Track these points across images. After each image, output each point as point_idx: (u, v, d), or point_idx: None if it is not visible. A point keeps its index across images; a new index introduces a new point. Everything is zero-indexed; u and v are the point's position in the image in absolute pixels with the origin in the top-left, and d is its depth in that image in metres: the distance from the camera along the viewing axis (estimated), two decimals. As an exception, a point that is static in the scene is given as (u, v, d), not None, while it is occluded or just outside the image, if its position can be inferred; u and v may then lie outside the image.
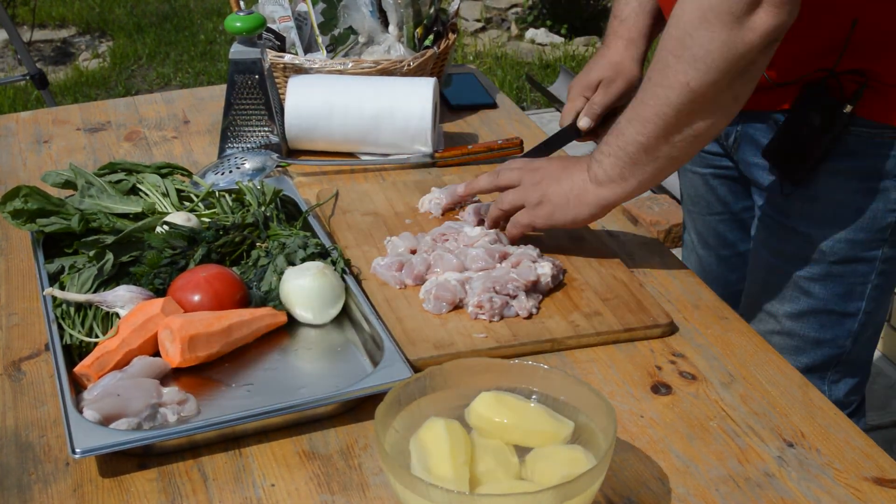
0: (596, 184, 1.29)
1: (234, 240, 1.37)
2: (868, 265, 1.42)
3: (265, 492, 1.04)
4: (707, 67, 1.16)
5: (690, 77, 1.18)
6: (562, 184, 1.31)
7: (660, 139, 1.23)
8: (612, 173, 1.28)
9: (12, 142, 1.82)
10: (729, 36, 1.14)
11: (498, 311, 1.26)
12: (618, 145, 1.26)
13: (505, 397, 1.02)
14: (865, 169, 1.36)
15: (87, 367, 1.15)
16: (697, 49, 1.16)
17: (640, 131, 1.23)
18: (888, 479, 1.05)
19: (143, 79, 5.01)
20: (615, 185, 1.29)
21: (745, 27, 1.14)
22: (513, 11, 5.59)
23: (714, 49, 1.15)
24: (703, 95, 1.18)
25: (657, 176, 1.28)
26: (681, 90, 1.19)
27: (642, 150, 1.24)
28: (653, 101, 1.21)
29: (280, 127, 1.70)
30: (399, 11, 1.82)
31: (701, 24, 1.15)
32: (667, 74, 1.19)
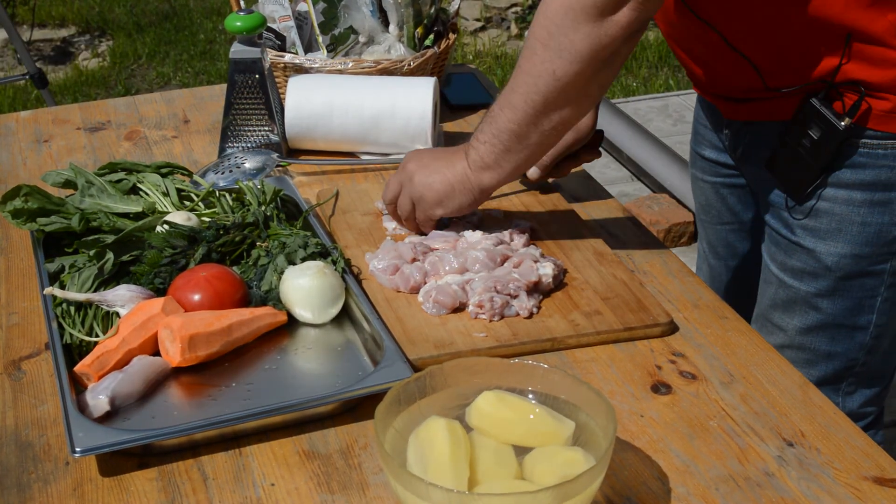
0: (475, 170, 1.34)
1: (234, 239, 1.37)
2: (876, 279, 1.40)
3: (265, 491, 1.04)
4: (572, 58, 1.21)
5: (556, 66, 1.22)
6: (442, 173, 1.36)
7: (529, 126, 1.28)
8: (488, 160, 1.33)
9: (12, 141, 1.82)
10: (593, 29, 1.19)
11: (498, 311, 1.26)
12: (492, 132, 1.31)
13: (507, 397, 1.03)
14: (868, 181, 1.34)
15: (87, 366, 1.15)
16: (563, 39, 1.20)
17: (510, 118, 1.28)
18: (888, 479, 1.05)
19: (143, 78, 5.01)
20: (492, 171, 1.33)
21: (609, 21, 1.19)
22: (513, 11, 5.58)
23: (578, 40, 1.20)
24: (568, 84, 1.23)
25: (529, 160, 1.33)
26: (547, 78, 1.23)
27: (514, 136, 1.29)
28: (522, 88, 1.26)
29: (280, 126, 1.70)
30: (399, 11, 1.82)
31: (566, 16, 1.19)
32: (534, 63, 1.23)
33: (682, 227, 3.38)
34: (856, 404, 1.51)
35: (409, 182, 1.38)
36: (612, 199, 1.61)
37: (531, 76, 1.24)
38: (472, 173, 1.35)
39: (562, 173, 1.54)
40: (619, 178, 3.82)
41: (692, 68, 1.48)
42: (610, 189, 2.70)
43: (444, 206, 1.37)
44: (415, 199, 1.38)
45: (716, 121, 1.56)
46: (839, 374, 1.48)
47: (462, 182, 1.35)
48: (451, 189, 1.36)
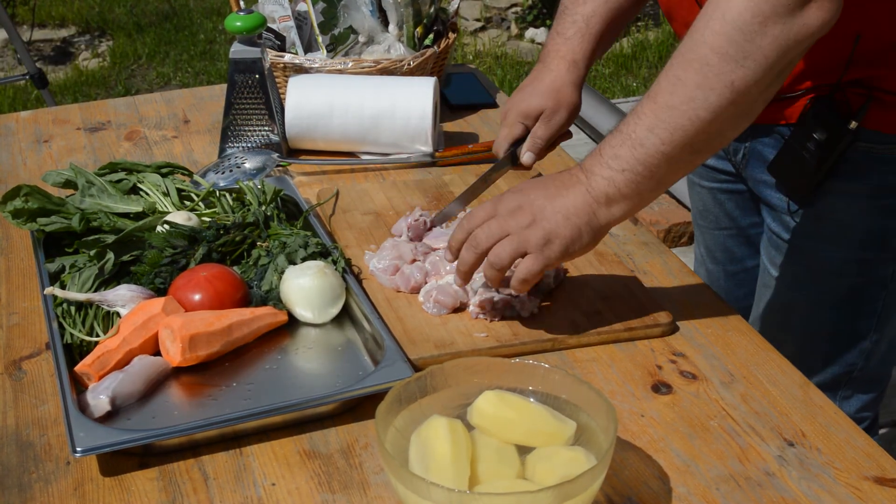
0: (605, 203, 1.15)
1: (234, 239, 1.37)
2: (878, 284, 1.38)
3: (266, 491, 1.04)
4: (756, 65, 1.08)
5: (737, 76, 1.08)
6: (564, 212, 1.15)
7: (686, 148, 1.12)
8: (626, 190, 1.14)
9: (12, 141, 1.82)
10: (783, 30, 1.07)
11: (499, 311, 1.26)
12: (636, 158, 1.13)
13: (508, 396, 1.03)
14: (872, 186, 1.32)
15: (87, 365, 1.15)
16: (748, 45, 1.07)
17: (665, 140, 1.11)
18: (889, 479, 1.05)
19: (143, 78, 5.01)
20: (626, 203, 1.16)
21: (798, 21, 1.07)
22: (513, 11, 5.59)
23: (766, 45, 1.07)
24: (744, 96, 1.10)
25: (666, 187, 1.18)
26: (723, 91, 1.09)
27: (665, 162, 1.12)
28: (686, 105, 1.10)
29: (280, 126, 1.70)
30: (399, 11, 1.82)
31: (754, 18, 1.06)
32: (707, 75, 1.08)
33: (682, 227, 3.38)
34: (852, 409, 1.50)
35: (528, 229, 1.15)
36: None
37: (702, 90, 1.09)
38: (602, 209, 1.15)
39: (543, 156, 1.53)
40: (619, 178, 3.82)
41: None
42: (610, 189, 2.70)
43: (568, 254, 1.17)
44: (532, 248, 1.15)
45: None
46: (837, 379, 1.47)
47: (589, 221, 1.15)
48: (578, 232, 1.15)
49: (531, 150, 1.48)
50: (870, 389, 1.49)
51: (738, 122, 1.13)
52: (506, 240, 1.16)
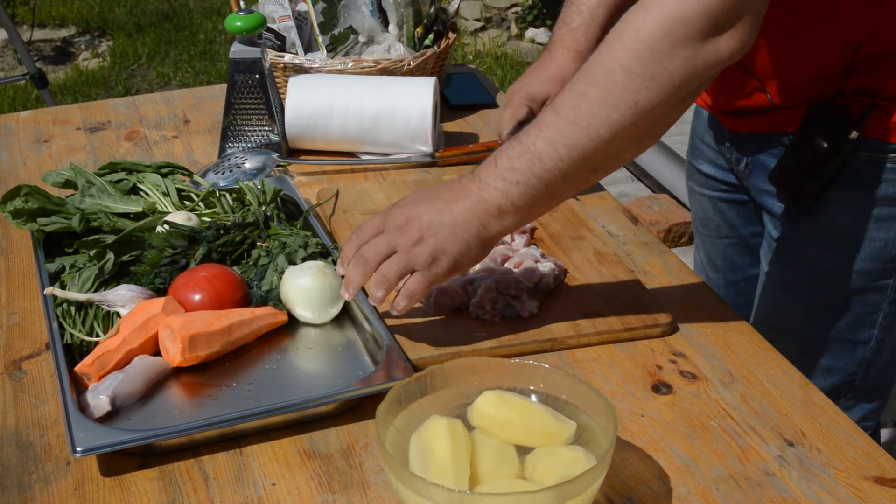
0: (497, 215, 1.11)
1: (234, 239, 1.37)
2: (879, 294, 1.36)
3: (266, 491, 1.04)
4: (662, 87, 1.04)
5: (641, 97, 1.05)
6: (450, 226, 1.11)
7: (583, 165, 1.08)
8: (519, 203, 1.10)
9: (12, 141, 1.82)
10: (692, 55, 1.04)
11: (499, 312, 1.26)
12: (532, 172, 1.09)
13: (508, 396, 1.03)
14: (874, 196, 1.31)
15: (87, 365, 1.15)
16: (656, 66, 1.04)
17: (564, 156, 1.07)
18: (889, 479, 1.05)
19: (143, 78, 5.01)
20: (519, 215, 1.12)
21: (708, 48, 1.04)
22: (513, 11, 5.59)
23: (674, 67, 1.03)
24: (647, 118, 1.06)
25: (558, 202, 1.15)
26: (626, 111, 1.05)
27: (561, 176, 1.08)
28: (587, 122, 1.06)
29: (280, 126, 1.70)
30: (399, 11, 1.82)
31: (665, 38, 1.03)
32: (612, 92, 1.05)
33: (682, 227, 3.38)
34: (855, 418, 1.48)
35: (415, 246, 1.12)
36: (613, 199, 1.61)
37: (605, 108, 1.05)
38: (494, 220, 1.12)
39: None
40: (619, 178, 3.82)
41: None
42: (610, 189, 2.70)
43: (458, 269, 1.14)
44: (419, 266, 1.12)
45: (717, 134, 1.51)
46: (838, 388, 1.45)
47: (479, 233, 1.12)
48: (466, 246, 1.12)
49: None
50: (871, 399, 1.47)
51: (639, 144, 1.10)
52: (393, 258, 1.13)
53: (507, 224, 1.12)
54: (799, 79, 1.30)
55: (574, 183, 1.11)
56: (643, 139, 1.10)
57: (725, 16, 1.03)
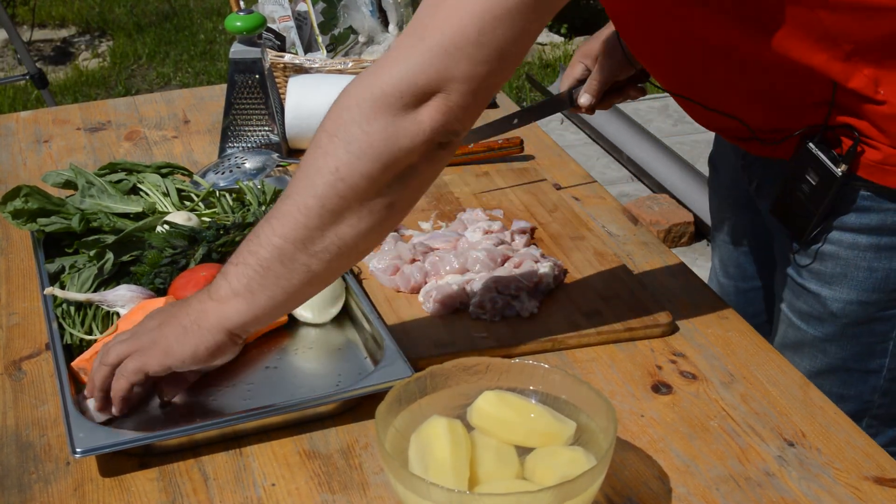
0: (217, 301, 1.05)
1: (234, 239, 1.37)
2: (886, 324, 1.33)
3: (266, 491, 1.04)
4: (361, 152, 1.00)
5: (341, 161, 1.00)
6: (177, 318, 1.07)
7: (298, 243, 1.02)
8: (236, 285, 1.04)
9: (12, 141, 1.82)
10: (391, 122, 1.00)
11: (499, 312, 1.26)
12: (248, 250, 1.04)
13: (508, 396, 1.03)
14: (874, 226, 1.27)
15: (85, 361, 1.15)
16: (355, 129, 1.00)
17: (276, 230, 1.03)
18: (888, 479, 1.05)
19: (143, 78, 5.01)
20: (241, 301, 1.05)
21: (410, 119, 1.00)
22: (513, 11, 5.58)
23: (373, 132, 1.00)
24: (352, 188, 1.01)
25: (294, 296, 1.06)
26: (328, 177, 1.01)
27: (277, 255, 1.03)
28: (296, 193, 1.02)
29: (280, 126, 1.70)
30: (399, 11, 1.82)
31: (362, 104, 1.01)
32: (316, 157, 1.02)
33: (682, 227, 3.38)
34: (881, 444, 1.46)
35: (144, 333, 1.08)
36: (613, 199, 1.61)
37: (308, 175, 1.02)
38: (213, 306, 1.05)
39: (606, 105, 1.51)
40: (619, 178, 3.82)
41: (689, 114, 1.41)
42: (610, 189, 2.71)
43: (172, 356, 1.06)
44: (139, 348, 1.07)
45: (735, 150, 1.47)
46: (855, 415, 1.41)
47: (198, 321, 1.05)
48: (182, 332, 1.06)
49: (588, 91, 1.47)
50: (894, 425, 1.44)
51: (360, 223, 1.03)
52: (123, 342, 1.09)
53: (227, 311, 1.05)
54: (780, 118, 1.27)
55: (293, 270, 1.03)
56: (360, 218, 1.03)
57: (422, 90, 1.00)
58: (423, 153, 1.02)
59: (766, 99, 1.25)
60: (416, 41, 1.01)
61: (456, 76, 1.00)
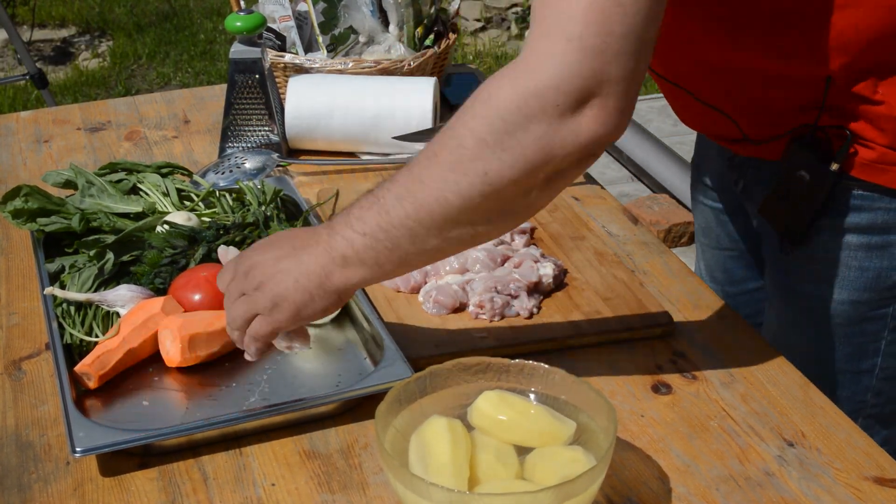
0: (340, 265, 1.06)
1: (234, 239, 1.37)
2: (878, 323, 1.32)
3: (265, 491, 1.04)
4: (514, 161, 0.97)
5: (491, 167, 0.97)
6: (293, 274, 1.07)
7: (432, 230, 1.02)
8: (364, 256, 1.05)
9: (12, 141, 1.82)
10: (547, 132, 0.96)
11: (499, 311, 1.26)
12: (379, 224, 1.03)
13: (508, 396, 1.03)
14: (865, 225, 1.27)
15: (87, 365, 1.15)
16: (508, 138, 0.96)
17: (411, 214, 1.01)
18: (889, 479, 1.05)
19: (143, 78, 5.01)
20: (367, 269, 1.06)
21: (567, 126, 0.96)
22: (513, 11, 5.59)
23: (528, 142, 0.96)
24: (498, 191, 0.98)
25: (412, 267, 1.08)
26: (474, 179, 0.98)
27: (408, 237, 1.02)
28: (436, 184, 1.00)
29: (280, 126, 1.70)
30: (399, 11, 1.82)
31: (520, 109, 0.96)
32: (461, 158, 0.98)
33: (682, 227, 3.38)
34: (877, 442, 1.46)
35: (257, 291, 1.08)
36: (613, 199, 1.61)
37: (453, 172, 0.99)
38: (337, 270, 1.06)
39: None
40: (619, 178, 3.82)
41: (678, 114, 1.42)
42: (610, 189, 2.71)
43: (301, 317, 1.08)
44: (262, 311, 1.08)
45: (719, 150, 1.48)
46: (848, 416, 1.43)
47: (321, 284, 1.06)
48: (308, 297, 1.07)
49: None
50: (891, 425, 1.43)
51: (497, 220, 1.03)
52: (238, 301, 1.10)
53: (351, 277, 1.06)
54: (772, 116, 1.27)
55: (425, 245, 1.03)
56: (502, 215, 1.02)
57: (579, 94, 0.95)
58: (575, 160, 0.98)
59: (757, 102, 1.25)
60: (561, 39, 0.94)
61: (612, 76, 0.95)
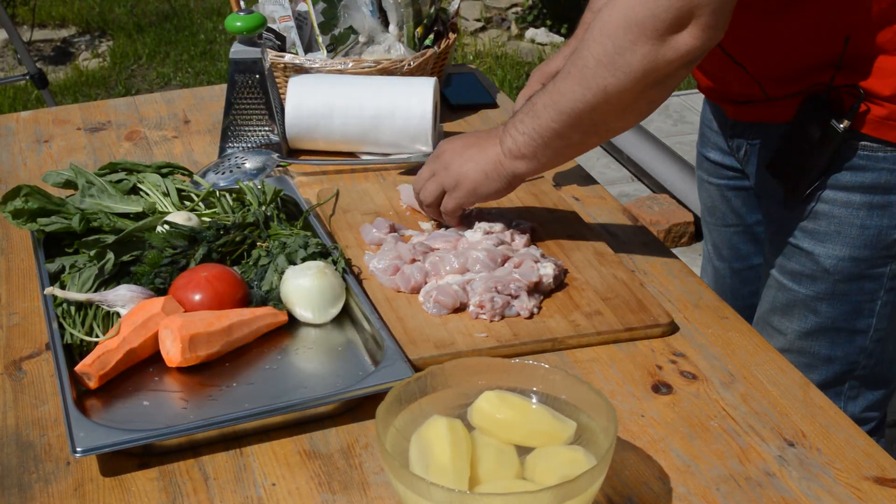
0: (510, 157, 1.34)
1: (234, 239, 1.37)
2: (875, 282, 1.39)
3: (266, 491, 1.04)
4: (626, 76, 1.20)
5: (609, 83, 1.21)
6: (475, 160, 1.35)
7: (573, 128, 1.27)
8: (525, 150, 1.32)
9: (12, 141, 1.82)
10: (650, 50, 1.18)
11: (499, 311, 1.26)
12: (532, 126, 1.30)
13: (508, 396, 1.03)
14: (868, 184, 1.34)
15: (87, 365, 1.15)
16: (618, 58, 1.19)
17: (554, 119, 1.27)
18: (889, 479, 1.05)
19: (143, 78, 5.01)
20: (528, 161, 1.33)
21: (668, 45, 1.17)
22: (513, 11, 5.59)
23: (635, 61, 1.19)
24: (618, 99, 1.22)
25: (566, 156, 1.34)
26: (597, 92, 1.22)
27: (555, 135, 1.29)
28: (570, 95, 1.25)
29: (280, 126, 1.70)
30: (399, 11, 1.82)
31: (626, 34, 1.18)
32: (586, 75, 1.22)
33: (683, 227, 3.38)
34: (858, 408, 1.50)
35: (445, 171, 1.37)
36: (613, 199, 1.61)
37: (581, 87, 1.23)
38: (507, 160, 1.34)
39: None
40: (619, 178, 3.82)
41: (696, 73, 1.49)
42: (610, 189, 2.70)
43: (477, 194, 1.37)
44: (448, 188, 1.37)
45: (722, 122, 1.56)
46: (840, 377, 1.48)
47: (496, 169, 1.35)
48: (485, 176, 1.35)
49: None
50: (876, 389, 1.50)
51: (624, 117, 1.27)
52: (431, 180, 1.39)
53: (519, 167, 1.34)
54: (790, 71, 1.34)
55: (571, 141, 1.29)
56: (626, 114, 1.26)
57: (675, 20, 1.15)
58: (678, 68, 1.20)
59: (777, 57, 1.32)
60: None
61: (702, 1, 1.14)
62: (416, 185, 1.42)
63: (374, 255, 1.38)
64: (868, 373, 1.47)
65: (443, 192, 1.38)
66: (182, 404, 1.15)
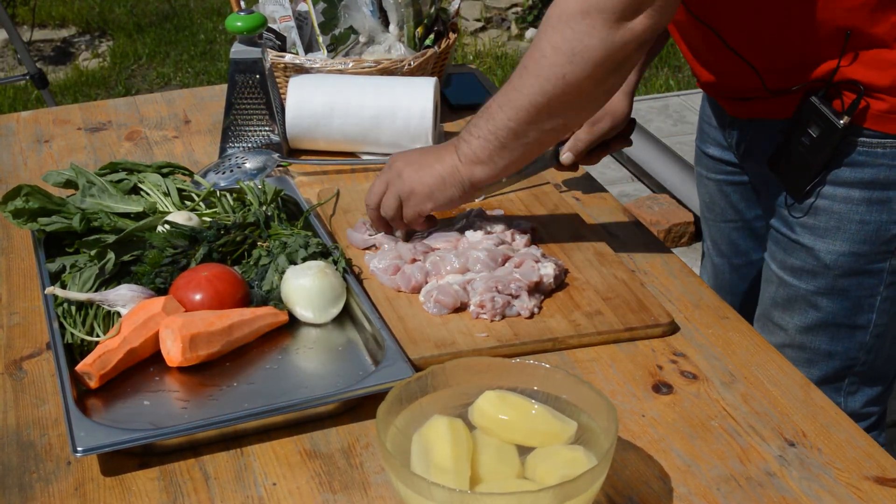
0: (467, 163, 1.33)
1: (235, 239, 1.37)
2: (875, 278, 1.40)
3: (266, 491, 1.04)
4: (584, 62, 1.20)
5: (567, 71, 1.21)
6: (431, 167, 1.35)
7: (530, 125, 1.27)
8: (481, 155, 1.31)
9: (13, 141, 1.82)
10: (608, 35, 1.19)
11: (500, 311, 1.26)
12: (488, 129, 1.29)
13: (509, 396, 1.03)
14: (867, 180, 1.35)
15: (88, 365, 1.15)
16: (577, 44, 1.20)
17: (511, 117, 1.27)
18: (889, 479, 1.05)
19: (144, 78, 5.01)
20: (484, 166, 1.32)
21: (625, 28, 1.19)
22: (513, 11, 5.58)
23: (593, 46, 1.19)
24: (577, 88, 1.22)
25: (523, 158, 1.32)
26: (556, 82, 1.22)
27: (512, 135, 1.28)
28: (527, 89, 1.24)
29: (281, 126, 1.70)
30: (399, 11, 1.82)
31: (583, 19, 1.19)
32: (543, 65, 1.22)
33: (683, 227, 3.38)
34: (858, 404, 1.51)
35: (398, 179, 1.36)
36: (613, 199, 1.61)
37: (539, 78, 1.23)
38: (463, 167, 1.33)
39: (592, 161, 1.53)
40: (620, 178, 3.82)
41: (696, 67, 1.49)
42: (610, 189, 2.70)
43: (434, 200, 1.35)
44: (403, 196, 1.36)
45: (720, 118, 1.57)
46: (840, 373, 1.49)
47: (452, 175, 1.34)
48: (441, 182, 1.34)
49: (571, 150, 1.51)
50: (875, 384, 1.51)
51: (582, 107, 1.28)
52: (387, 193, 1.37)
53: (476, 172, 1.33)
54: (792, 65, 1.34)
55: (527, 140, 1.29)
56: (585, 105, 1.28)
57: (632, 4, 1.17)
58: (635, 50, 1.21)
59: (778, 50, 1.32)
60: None
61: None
62: (369, 199, 1.39)
63: (375, 254, 1.38)
64: (868, 368, 1.48)
65: (400, 202, 1.37)
66: (182, 404, 1.15)
